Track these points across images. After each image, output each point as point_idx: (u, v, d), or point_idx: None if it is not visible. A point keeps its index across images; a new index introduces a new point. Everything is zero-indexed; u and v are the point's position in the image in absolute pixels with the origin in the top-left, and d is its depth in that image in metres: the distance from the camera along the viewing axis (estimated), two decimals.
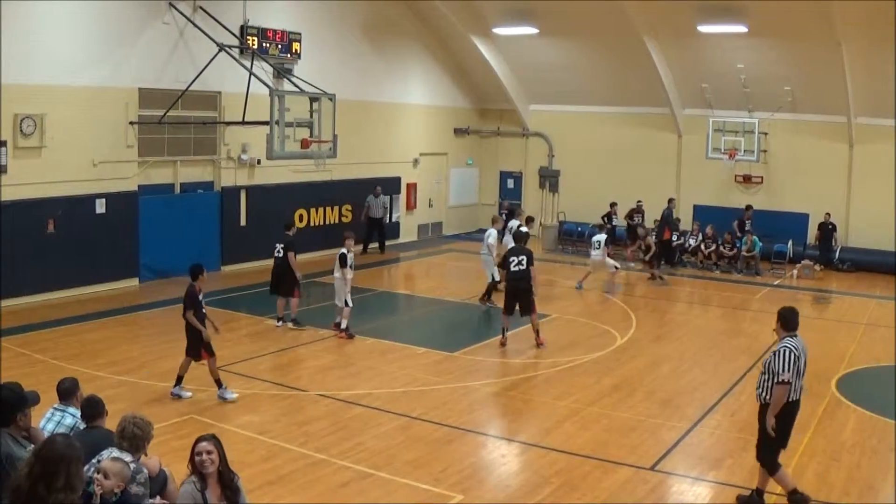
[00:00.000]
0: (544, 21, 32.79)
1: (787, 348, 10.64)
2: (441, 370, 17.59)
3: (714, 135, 32.61)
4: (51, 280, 22.18)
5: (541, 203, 38.81)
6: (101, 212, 23.38)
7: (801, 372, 10.74)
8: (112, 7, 23.17)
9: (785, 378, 10.55)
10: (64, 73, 22.16)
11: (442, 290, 25.24)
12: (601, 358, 18.56)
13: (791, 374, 10.57)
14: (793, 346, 10.63)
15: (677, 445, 13.63)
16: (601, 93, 35.52)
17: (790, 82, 31.20)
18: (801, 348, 10.74)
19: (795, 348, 10.64)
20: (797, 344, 10.71)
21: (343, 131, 25.14)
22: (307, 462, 12.36)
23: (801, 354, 10.70)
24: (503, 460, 13.12)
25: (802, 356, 10.72)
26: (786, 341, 10.73)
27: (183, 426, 13.48)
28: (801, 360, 10.70)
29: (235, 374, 16.65)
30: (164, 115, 24.13)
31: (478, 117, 39.69)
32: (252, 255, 27.85)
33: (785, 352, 10.61)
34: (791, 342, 10.70)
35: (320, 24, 29.84)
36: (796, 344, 10.70)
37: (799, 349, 10.68)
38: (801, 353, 10.68)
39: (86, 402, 8.69)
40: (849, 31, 27.26)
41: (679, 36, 30.92)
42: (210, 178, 26.96)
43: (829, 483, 12.10)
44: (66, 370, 14.80)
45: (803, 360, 10.75)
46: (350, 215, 32.00)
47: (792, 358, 10.56)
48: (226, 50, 24.71)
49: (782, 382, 10.57)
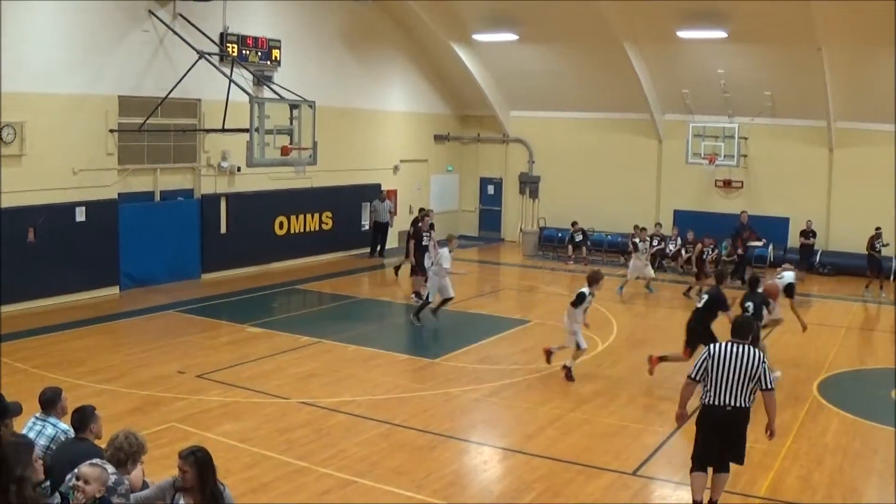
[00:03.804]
0: (524, 27, 32.80)
1: (706, 348, 10.83)
2: (423, 377, 17.59)
3: (694, 140, 32.72)
4: (31, 288, 22.04)
5: (521, 209, 38.83)
6: (81, 220, 23.25)
7: (721, 377, 10.46)
8: (92, 15, 23.08)
9: (688, 372, 10.87)
10: (44, 81, 22.05)
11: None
12: (583, 363, 18.57)
13: (695, 371, 10.68)
14: (712, 349, 10.67)
15: (659, 450, 13.65)
16: (581, 99, 35.53)
17: (770, 87, 31.33)
18: (726, 354, 10.50)
19: (711, 351, 10.63)
20: (725, 349, 10.57)
21: (323, 138, 25.09)
22: (289, 470, 12.32)
23: (721, 360, 10.48)
24: (485, 467, 13.11)
25: (723, 362, 10.47)
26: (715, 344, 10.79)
27: (164, 434, 13.40)
28: (716, 364, 10.49)
29: (216, 381, 16.59)
30: (143, 122, 24.05)
31: (458, 124, 39.70)
32: (233, 263, 27.83)
33: (703, 351, 10.84)
34: (716, 346, 10.69)
35: (300, 32, 29.81)
36: (723, 349, 10.59)
37: (718, 354, 10.54)
38: (719, 357, 10.50)
39: (75, 413, 8.66)
40: (829, 35, 27.35)
41: (659, 42, 30.99)
42: (190, 185, 26.86)
43: (812, 486, 12.13)
44: (47, 379, 14.73)
45: (723, 366, 10.46)
46: (331, 223, 31.95)
47: (701, 358, 10.70)
48: (206, 57, 24.65)
49: (687, 376, 10.88)
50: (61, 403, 9.13)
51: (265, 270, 28.91)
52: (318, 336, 20.40)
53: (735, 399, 10.46)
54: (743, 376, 10.42)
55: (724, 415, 10.52)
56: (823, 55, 28.11)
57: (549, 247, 35.25)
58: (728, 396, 10.47)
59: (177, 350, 19.00)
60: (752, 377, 10.41)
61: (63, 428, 8.87)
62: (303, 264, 30.19)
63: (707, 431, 10.73)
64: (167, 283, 25.64)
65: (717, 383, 10.50)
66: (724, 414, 10.52)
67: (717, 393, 10.52)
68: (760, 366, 10.43)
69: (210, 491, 7.53)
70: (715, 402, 10.54)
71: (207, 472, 7.53)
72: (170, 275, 25.95)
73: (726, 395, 10.47)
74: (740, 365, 10.44)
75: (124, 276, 24.72)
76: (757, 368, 10.42)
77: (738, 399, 10.46)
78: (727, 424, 10.59)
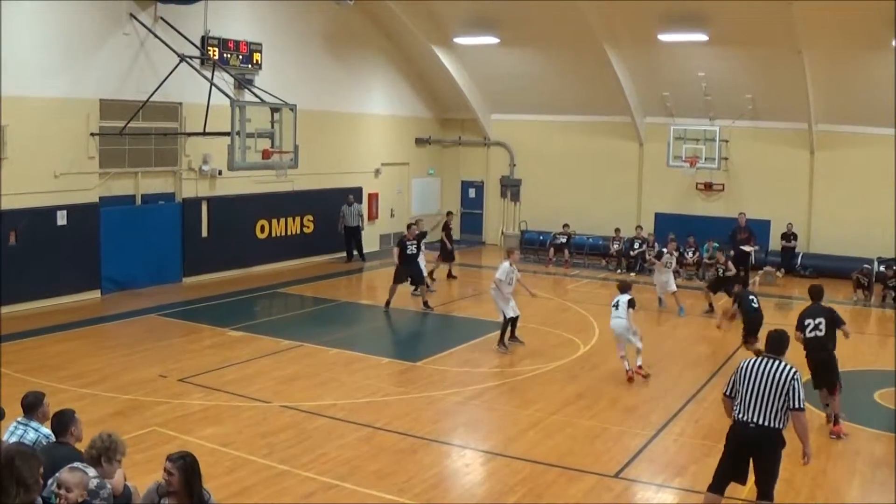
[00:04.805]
0: (505, 31, 32.87)
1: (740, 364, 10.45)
2: (405, 380, 17.61)
3: (675, 143, 32.78)
4: (12, 292, 21.95)
5: (502, 212, 38.91)
6: (63, 224, 23.20)
7: (750, 392, 10.11)
8: (73, 18, 23.05)
9: (724, 389, 10.59)
10: (25, 84, 21.96)
11: (405, 300, 25.17)
12: (564, 366, 18.61)
13: (728, 386, 10.43)
14: (742, 364, 10.35)
15: (642, 452, 13.69)
16: (562, 102, 35.59)
17: (751, 90, 31.44)
18: (755, 369, 10.19)
19: (741, 366, 10.33)
20: (755, 364, 10.27)
21: (304, 141, 25.06)
22: (271, 473, 12.32)
23: (749, 374, 10.17)
24: (468, 469, 13.12)
25: (751, 376, 10.14)
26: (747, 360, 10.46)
27: (146, 438, 13.38)
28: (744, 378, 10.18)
29: (198, 385, 16.57)
30: (125, 126, 24.02)
31: (439, 127, 39.73)
32: (214, 267, 27.81)
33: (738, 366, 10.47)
34: (747, 361, 10.39)
35: (281, 35, 29.78)
36: (753, 364, 10.29)
37: (747, 368, 10.25)
38: (748, 372, 10.19)
39: (55, 417, 8.64)
40: (809, 38, 27.51)
41: (640, 45, 31.10)
42: (171, 189, 26.81)
43: (796, 488, 12.18)
44: (29, 383, 14.67)
45: (751, 380, 10.12)
46: (312, 226, 31.93)
47: (735, 372, 10.42)
48: (187, 61, 24.63)
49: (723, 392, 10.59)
50: (43, 408, 9.09)
51: (247, 274, 28.87)
52: (300, 339, 20.40)
53: (761, 416, 10.02)
54: (770, 392, 10.01)
55: (749, 432, 10.09)
56: (804, 58, 28.27)
57: (531, 250, 35.30)
58: (754, 413, 10.05)
59: (158, 354, 18.97)
60: (781, 393, 9.97)
61: (45, 432, 8.84)
62: (284, 268, 30.17)
63: (730, 448, 10.37)
64: (149, 287, 25.59)
65: (744, 398, 10.13)
66: (749, 431, 10.09)
67: (744, 408, 10.12)
68: (790, 382, 10.00)
69: (197, 496, 7.54)
70: (742, 417, 10.14)
71: (194, 478, 7.53)
72: (151, 278, 25.91)
73: (752, 412, 10.06)
74: (769, 380, 10.05)
75: (106, 279, 24.66)
76: (786, 384, 9.99)
77: (764, 417, 10.01)
78: (752, 445, 10.18)
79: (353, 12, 32.18)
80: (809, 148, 32.18)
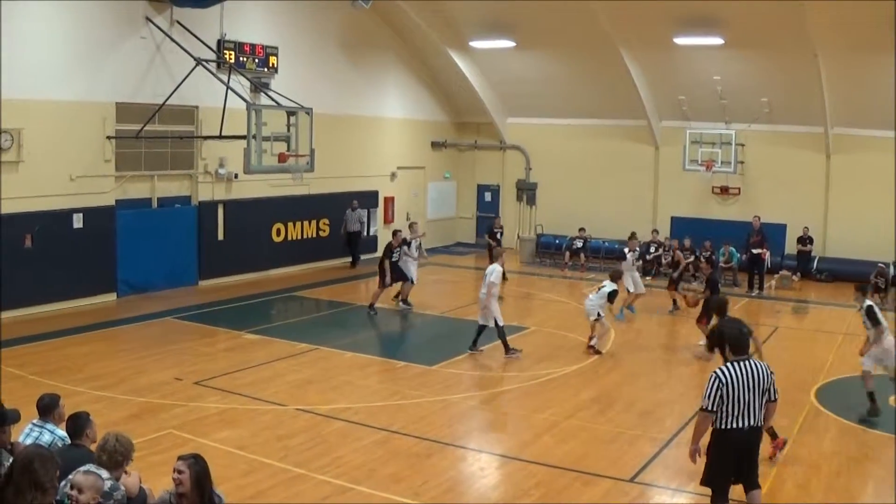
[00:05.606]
0: (521, 34, 32.87)
1: (713, 374, 10.14)
2: (420, 384, 17.57)
3: (691, 146, 32.68)
4: (28, 295, 22.04)
5: (518, 216, 38.89)
6: (79, 226, 23.28)
7: (738, 399, 9.94)
8: (89, 22, 23.14)
9: (702, 404, 10.15)
10: (41, 87, 22.07)
11: (420, 303, 25.18)
12: (579, 370, 18.58)
13: (710, 402, 10.04)
14: (722, 375, 10.02)
15: (657, 457, 13.65)
16: (578, 105, 35.59)
17: (767, 93, 31.36)
18: (739, 375, 10.00)
19: (723, 377, 10.00)
20: (737, 370, 10.04)
21: (320, 145, 25.13)
22: (287, 476, 12.33)
23: (736, 382, 9.96)
24: (482, 473, 13.11)
25: (739, 384, 9.95)
26: (721, 367, 10.22)
27: (161, 441, 13.41)
28: (733, 388, 9.94)
29: (214, 388, 16.59)
30: (141, 129, 24.05)
31: (455, 131, 39.75)
32: (230, 270, 27.85)
33: (710, 378, 10.14)
34: (725, 371, 10.06)
35: (297, 39, 29.83)
36: (734, 371, 10.04)
37: (731, 377, 9.98)
38: (734, 380, 9.96)
39: (70, 420, 8.65)
40: (825, 41, 27.42)
41: (655, 48, 31.05)
42: (187, 192, 26.87)
43: (810, 493, 12.15)
44: (44, 385, 14.74)
45: (740, 388, 9.95)
46: (328, 229, 31.96)
47: (712, 387, 10.04)
48: (203, 64, 24.69)
49: (701, 409, 10.22)
50: (59, 410, 9.11)
51: (262, 277, 28.92)
52: (316, 343, 20.42)
53: (753, 418, 10.06)
54: (756, 394, 10.02)
55: (745, 436, 10.09)
56: (820, 61, 28.19)
57: (547, 254, 35.24)
58: (747, 418, 10.02)
59: (174, 357, 19.01)
60: (764, 391, 10.07)
61: (60, 434, 8.85)
62: (300, 271, 30.21)
63: (727, 455, 10.20)
64: (164, 290, 25.64)
65: (735, 406, 9.97)
66: (745, 436, 10.08)
67: (735, 416, 10.00)
68: (770, 377, 10.13)
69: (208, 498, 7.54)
70: (732, 425, 10.03)
71: (204, 481, 7.53)
72: (167, 281, 25.97)
73: (745, 417, 10.02)
74: (753, 383, 10.02)
75: (121, 282, 24.73)
76: (767, 381, 10.09)
77: (754, 418, 10.06)
78: (749, 447, 10.25)
79: (368, 15, 32.21)
80: (825, 151, 32.07)
